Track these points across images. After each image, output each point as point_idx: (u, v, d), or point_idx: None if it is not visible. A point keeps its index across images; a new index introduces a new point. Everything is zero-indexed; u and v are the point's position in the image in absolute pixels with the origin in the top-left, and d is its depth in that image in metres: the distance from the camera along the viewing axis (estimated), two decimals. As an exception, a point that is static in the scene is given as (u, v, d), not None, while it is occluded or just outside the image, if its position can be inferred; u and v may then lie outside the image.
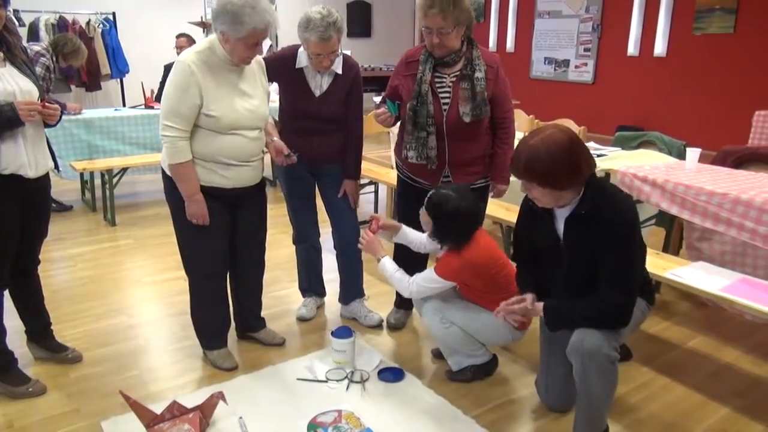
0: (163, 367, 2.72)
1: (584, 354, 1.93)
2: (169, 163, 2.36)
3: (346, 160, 2.88)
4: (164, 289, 3.56)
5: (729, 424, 2.37)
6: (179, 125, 2.30)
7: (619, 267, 1.91)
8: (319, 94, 2.75)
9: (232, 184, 2.45)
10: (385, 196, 5.16)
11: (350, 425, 2.30)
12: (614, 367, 1.95)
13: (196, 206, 2.39)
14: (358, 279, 3.16)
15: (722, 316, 3.30)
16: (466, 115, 2.58)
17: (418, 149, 2.69)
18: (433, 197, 2.39)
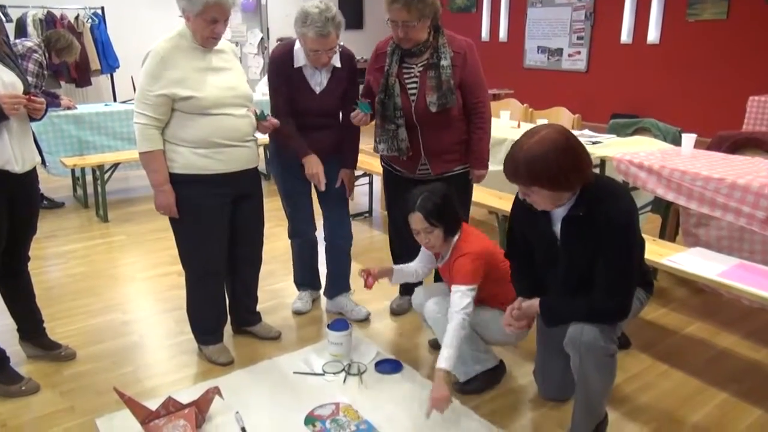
0: (158, 363, 2.69)
1: (582, 347, 1.91)
2: (139, 152, 2.34)
3: (344, 150, 2.85)
4: (158, 284, 3.53)
5: (727, 409, 2.36)
6: (149, 113, 2.28)
7: (617, 269, 1.87)
8: (319, 91, 2.71)
9: (229, 167, 2.42)
10: (379, 188, 5.13)
11: (348, 418, 2.29)
12: (612, 359, 1.93)
13: (164, 197, 2.37)
14: (346, 273, 3.14)
15: (719, 301, 3.29)
16: (433, 105, 2.56)
17: (388, 142, 2.68)
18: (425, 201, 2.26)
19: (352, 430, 2.21)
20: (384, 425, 2.24)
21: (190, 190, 2.39)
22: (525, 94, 7.20)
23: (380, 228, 4.64)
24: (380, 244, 4.23)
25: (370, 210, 4.92)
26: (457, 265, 2.27)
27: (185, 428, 2.13)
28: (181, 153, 2.35)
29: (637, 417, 2.30)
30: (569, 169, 1.81)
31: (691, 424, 2.27)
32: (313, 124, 2.73)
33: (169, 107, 2.30)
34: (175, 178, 2.37)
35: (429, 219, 2.25)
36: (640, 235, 1.97)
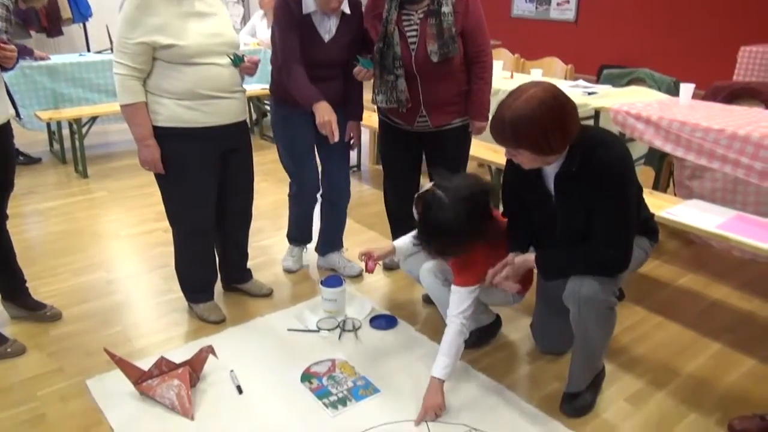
0: (147, 322, 2.63)
1: (582, 300, 1.88)
2: (120, 104, 2.22)
3: (350, 101, 2.74)
4: (143, 241, 3.44)
5: (721, 359, 2.38)
6: (129, 62, 2.14)
7: (615, 219, 1.82)
8: (328, 39, 2.57)
9: (217, 120, 2.31)
10: (367, 139, 5.02)
11: (345, 374, 2.26)
12: (612, 312, 1.91)
13: (148, 152, 2.25)
14: (340, 231, 3.08)
15: (710, 253, 3.30)
16: (434, 54, 2.45)
17: (387, 93, 2.57)
18: (426, 217, 1.93)
19: (349, 386, 2.19)
20: (381, 381, 2.22)
21: (176, 144, 2.28)
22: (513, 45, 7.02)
23: (369, 182, 4.56)
24: (370, 199, 4.16)
25: (359, 164, 4.82)
26: (461, 267, 2.08)
27: (179, 388, 2.09)
28: (165, 105, 2.22)
29: (632, 368, 2.31)
30: (556, 132, 1.73)
31: (685, 374, 2.29)
32: (320, 75, 2.58)
33: (150, 56, 2.16)
34: (159, 132, 2.25)
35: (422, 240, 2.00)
36: (638, 181, 1.91)
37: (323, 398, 2.13)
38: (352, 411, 2.07)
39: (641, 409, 2.10)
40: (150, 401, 2.09)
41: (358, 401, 2.11)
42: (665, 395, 2.17)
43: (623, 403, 2.13)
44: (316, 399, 2.13)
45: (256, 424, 2.01)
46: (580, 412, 2.07)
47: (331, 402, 2.11)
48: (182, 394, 2.08)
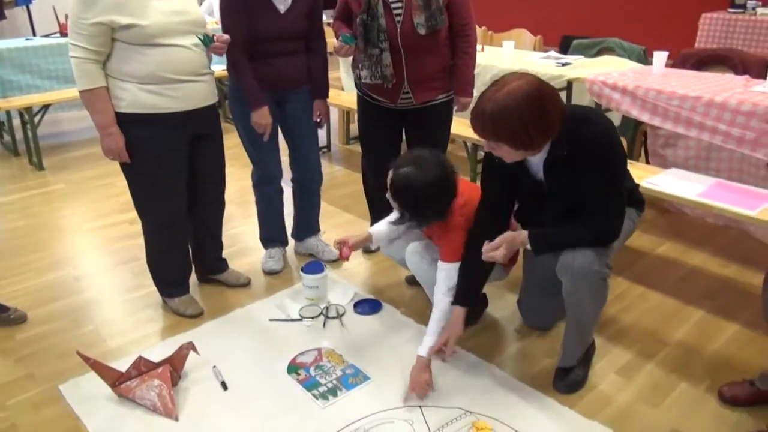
0: (120, 320, 2.51)
1: (575, 272, 1.84)
2: (78, 90, 2.07)
3: (315, 78, 2.61)
4: (108, 235, 3.28)
5: (705, 325, 2.40)
6: (85, 44, 1.99)
7: (606, 190, 1.79)
8: (284, 10, 2.42)
9: (184, 105, 2.18)
10: (336, 119, 4.91)
11: (332, 363, 2.20)
12: (605, 283, 1.89)
13: (111, 140, 2.11)
14: (316, 214, 2.98)
15: (685, 220, 3.33)
16: (421, 27, 2.36)
17: (372, 68, 2.47)
18: (395, 183, 1.98)
19: (338, 375, 2.13)
20: (370, 367, 2.17)
21: (141, 131, 2.14)
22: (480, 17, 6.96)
23: (341, 163, 4.46)
24: (341, 180, 4.07)
25: (329, 145, 4.71)
26: (448, 241, 2.06)
27: (160, 388, 1.99)
28: (127, 90, 2.08)
29: (620, 340, 2.31)
30: (537, 128, 1.68)
31: (672, 343, 2.30)
32: (278, 50, 2.45)
33: (108, 37, 2.01)
34: (122, 119, 2.11)
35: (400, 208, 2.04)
36: (623, 151, 1.88)
37: (312, 389, 2.06)
38: (343, 401, 2.01)
39: (633, 380, 2.10)
40: (130, 404, 1.99)
41: (348, 390, 2.06)
42: (654, 366, 2.17)
43: (614, 376, 2.13)
44: (305, 391, 2.06)
45: (244, 420, 1.93)
46: (572, 388, 2.05)
47: (320, 393, 2.04)
48: (164, 394, 1.98)
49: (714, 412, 1.94)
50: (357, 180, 3.16)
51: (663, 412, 1.95)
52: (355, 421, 1.92)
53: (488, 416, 1.93)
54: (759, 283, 2.67)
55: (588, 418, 1.91)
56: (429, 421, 1.91)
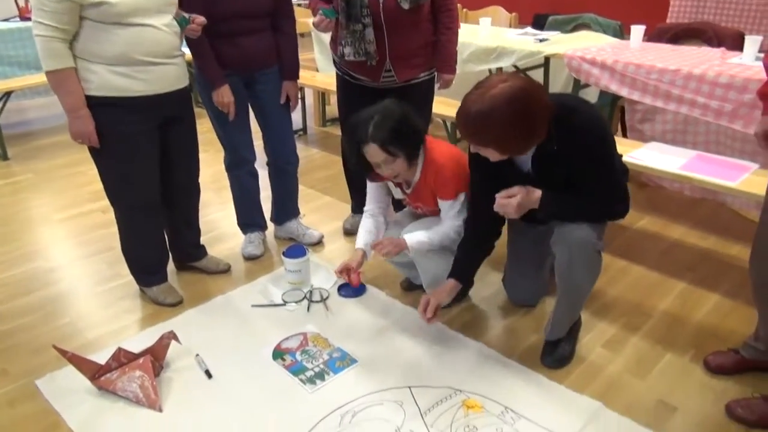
0: (96, 311, 2.43)
1: (573, 245, 1.83)
2: (45, 70, 1.97)
3: (283, 58, 2.53)
4: (80, 225, 3.18)
5: (687, 297, 2.42)
6: (50, 22, 1.89)
7: (606, 177, 1.78)
8: None
9: (155, 88, 2.09)
10: (312, 101, 4.83)
11: (319, 347, 2.16)
12: (600, 256, 1.88)
13: (80, 123, 2.02)
14: (294, 197, 2.92)
15: (663, 194, 3.35)
16: (405, 1, 2.31)
17: (355, 45, 2.41)
18: (379, 129, 1.96)
19: (325, 359, 2.10)
20: (357, 350, 2.14)
21: (111, 115, 2.06)
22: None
23: (317, 145, 4.39)
24: (320, 163, 4.00)
25: (305, 127, 4.63)
26: (440, 180, 2.08)
27: (142, 379, 1.93)
28: (96, 72, 1.99)
29: (606, 314, 2.32)
30: (522, 134, 1.65)
31: (656, 315, 2.31)
32: (242, 28, 2.36)
33: (76, 15, 1.91)
34: (92, 102, 2.02)
35: (387, 149, 1.97)
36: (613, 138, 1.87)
37: (299, 374, 2.02)
38: (331, 385, 1.98)
39: (619, 353, 2.11)
40: (111, 396, 1.93)
41: (336, 374, 2.02)
42: (640, 338, 2.19)
43: (601, 349, 2.13)
44: (292, 376, 2.02)
45: (231, 408, 1.89)
46: (560, 363, 2.05)
47: (308, 378, 2.01)
48: (146, 385, 1.93)
49: (700, 381, 1.96)
50: (335, 162, 3.11)
51: (650, 383, 1.96)
52: (344, 404, 1.89)
53: (478, 394, 1.92)
54: (737, 254, 2.72)
55: (577, 392, 1.92)
56: (419, 401, 1.89)
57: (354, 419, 1.83)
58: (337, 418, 1.83)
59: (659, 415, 1.83)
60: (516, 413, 1.84)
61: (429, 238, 2.11)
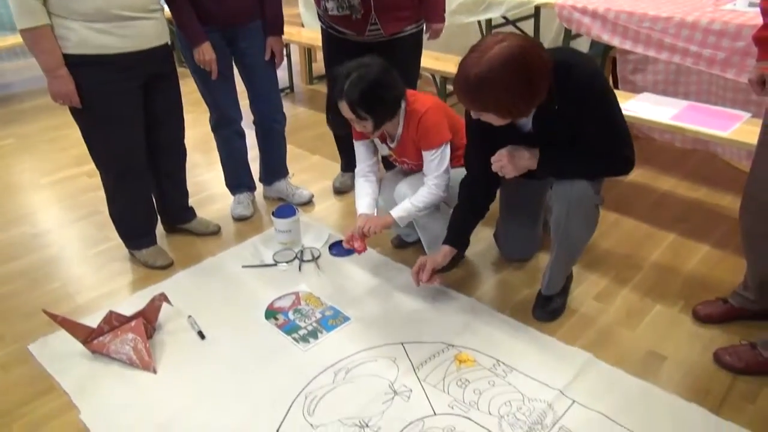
0: (86, 275, 2.42)
1: (572, 200, 1.81)
2: (19, 29, 1.89)
3: (266, 13, 2.44)
4: (66, 189, 3.13)
5: (678, 248, 2.43)
6: None
7: (611, 131, 1.72)
8: None
9: (134, 44, 2.03)
10: (298, 58, 4.72)
11: (311, 306, 2.16)
12: (597, 210, 1.87)
13: (60, 83, 1.96)
14: (282, 156, 2.87)
15: (654, 146, 3.33)
16: None
17: None
18: (352, 88, 1.92)
19: (318, 317, 2.10)
20: (350, 308, 2.14)
21: (91, 74, 1.99)
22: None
23: (304, 104, 4.32)
24: (308, 121, 3.94)
25: (291, 85, 4.54)
26: (422, 129, 2.05)
27: (135, 341, 1.93)
28: (73, 29, 1.92)
29: (597, 267, 2.33)
30: (523, 97, 1.59)
31: (647, 267, 2.32)
32: None
33: None
34: (70, 61, 1.95)
35: (355, 110, 1.94)
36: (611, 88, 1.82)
37: (292, 333, 2.03)
38: (324, 343, 1.99)
39: (610, 305, 2.12)
40: (104, 359, 1.94)
41: (329, 332, 2.03)
42: (630, 290, 2.20)
43: (592, 301, 2.15)
44: (285, 335, 2.03)
45: (225, 368, 1.90)
46: (552, 316, 2.07)
47: (301, 336, 2.02)
48: (139, 348, 1.93)
49: (689, 331, 1.99)
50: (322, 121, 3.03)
51: (640, 334, 1.99)
52: (338, 361, 1.90)
53: (470, 348, 1.93)
54: (728, 204, 2.72)
55: (568, 344, 1.94)
56: (412, 357, 1.91)
57: (347, 376, 1.84)
58: (330, 375, 1.85)
59: (649, 364, 1.85)
60: (507, 366, 1.86)
61: (414, 206, 2.09)
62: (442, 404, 1.73)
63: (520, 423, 1.65)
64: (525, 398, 1.73)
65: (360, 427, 1.66)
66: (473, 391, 1.77)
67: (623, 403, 1.70)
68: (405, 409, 1.71)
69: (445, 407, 1.72)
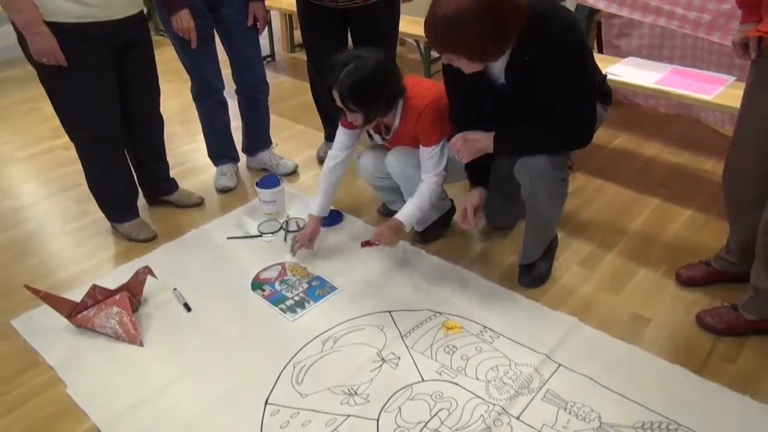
0: (67, 249, 2.38)
1: (533, 175, 1.81)
2: None
3: None
4: (44, 162, 3.07)
5: (662, 213, 2.45)
6: None
7: (575, 92, 1.70)
8: None
9: (106, 13, 1.96)
10: (279, 26, 4.62)
11: (297, 276, 2.16)
12: (564, 183, 1.87)
13: (41, 40, 1.88)
14: (266, 126, 2.83)
15: (639, 111, 3.34)
16: None
17: None
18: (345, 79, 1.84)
19: (305, 288, 2.10)
20: (336, 278, 2.14)
21: (62, 43, 1.93)
22: None
23: (286, 72, 4.24)
24: (291, 90, 3.88)
25: (273, 53, 4.45)
26: (421, 126, 1.99)
27: (120, 315, 1.92)
28: None
29: (582, 233, 2.34)
30: (493, 38, 1.56)
31: (631, 232, 2.34)
32: None
33: None
34: None
35: (346, 102, 1.88)
36: (588, 47, 1.80)
37: (279, 304, 2.03)
38: (311, 312, 1.99)
39: (595, 271, 2.14)
40: (90, 333, 1.92)
41: (316, 302, 2.03)
42: (615, 255, 2.22)
43: (577, 267, 2.16)
44: (272, 306, 2.02)
45: (213, 339, 1.89)
46: (537, 282, 2.08)
47: (288, 307, 2.01)
48: (125, 321, 1.91)
49: (672, 294, 2.01)
50: (306, 90, 3.01)
51: (624, 298, 2.01)
52: (326, 330, 1.90)
53: (457, 315, 1.94)
54: (711, 168, 2.74)
55: (553, 309, 1.95)
56: (399, 325, 1.91)
57: (336, 345, 1.85)
58: (318, 344, 1.85)
59: (632, 327, 1.88)
60: (494, 332, 1.87)
61: (418, 208, 2.04)
62: (430, 370, 1.74)
63: (506, 387, 1.67)
64: (512, 363, 1.75)
65: (349, 394, 1.67)
66: (461, 357, 1.78)
67: (608, 366, 1.73)
68: (393, 376, 1.73)
69: (433, 373, 1.73)
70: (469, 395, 1.65)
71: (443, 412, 1.61)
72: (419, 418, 1.59)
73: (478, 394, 1.65)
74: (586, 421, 1.57)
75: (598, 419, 1.57)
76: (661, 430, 1.54)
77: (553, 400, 1.63)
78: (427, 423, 1.58)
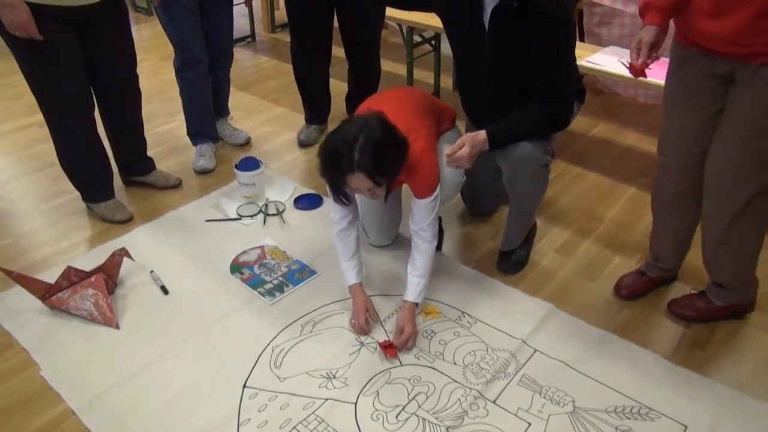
0: (41, 229, 2.33)
1: (516, 161, 1.82)
2: None
3: None
4: (17, 140, 2.99)
5: (638, 201, 2.48)
6: None
7: (555, 68, 1.73)
8: None
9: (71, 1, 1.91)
10: (259, 4, 4.54)
11: (276, 260, 2.15)
12: (546, 169, 1.89)
13: (11, 12, 1.82)
14: (225, 96, 2.85)
15: (618, 101, 3.37)
16: None
17: None
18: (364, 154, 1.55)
19: (284, 271, 2.09)
20: (316, 262, 2.14)
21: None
22: None
23: (266, 53, 4.18)
24: (271, 72, 3.83)
25: (253, 34, 4.38)
26: (414, 179, 1.77)
27: (96, 297, 1.89)
28: None
29: (560, 220, 2.37)
30: None
31: (608, 219, 2.38)
32: None
33: None
34: None
35: (374, 177, 1.58)
36: (575, 27, 1.82)
37: (258, 287, 2.02)
38: (291, 296, 1.98)
39: (572, 257, 2.17)
40: (64, 315, 1.89)
41: (295, 286, 2.03)
42: (591, 242, 2.25)
43: (554, 254, 2.19)
44: (250, 289, 2.01)
45: (190, 322, 1.88)
46: (516, 268, 2.11)
47: (267, 290, 2.01)
48: (101, 303, 1.89)
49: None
50: (286, 71, 2.98)
51: (600, 285, 2.04)
52: (305, 314, 1.90)
53: (436, 300, 1.96)
54: (688, 158, 2.77)
55: (531, 296, 1.98)
56: (378, 309, 1.92)
57: (315, 328, 1.85)
58: (297, 328, 1.85)
59: (607, 313, 1.91)
60: (472, 317, 1.89)
61: (424, 278, 1.83)
62: (409, 355, 1.75)
63: (483, 372, 1.69)
64: (489, 348, 1.78)
65: (327, 378, 1.68)
66: (439, 342, 1.80)
67: (583, 351, 1.76)
68: (372, 361, 1.74)
69: (411, 358, 1.75)
70: (447, 379, 1.67)
71: (421, 395, 1.63)
72: (397, 401, 1.61)
73: (456, 379, 1.67)
74: (561, 405, 1.60)
75: (572, 403, 1.60)
76: (633, 413, 1.57)
77: (528, 384, 1.66)
78: (405, 407, 1.59)
